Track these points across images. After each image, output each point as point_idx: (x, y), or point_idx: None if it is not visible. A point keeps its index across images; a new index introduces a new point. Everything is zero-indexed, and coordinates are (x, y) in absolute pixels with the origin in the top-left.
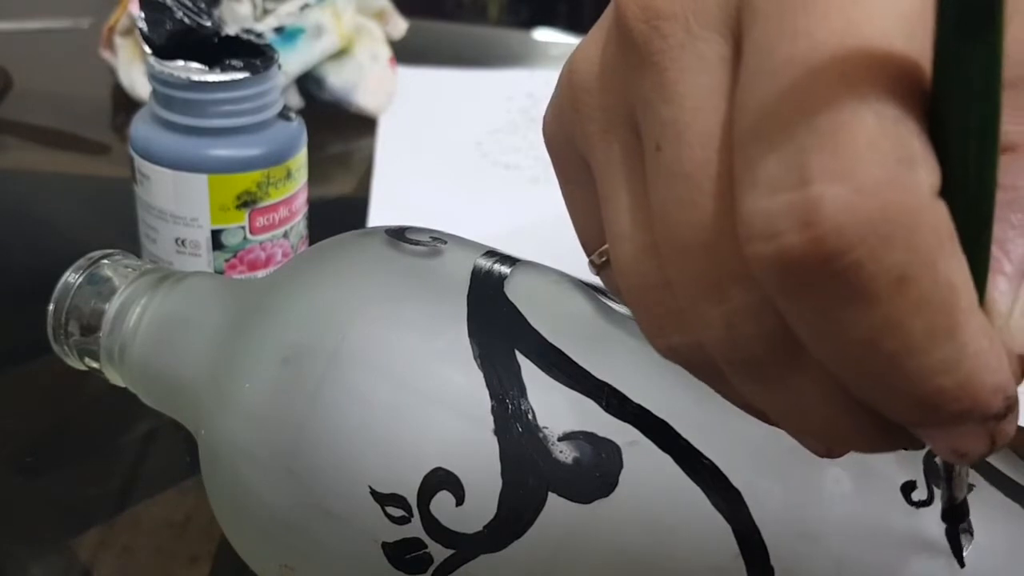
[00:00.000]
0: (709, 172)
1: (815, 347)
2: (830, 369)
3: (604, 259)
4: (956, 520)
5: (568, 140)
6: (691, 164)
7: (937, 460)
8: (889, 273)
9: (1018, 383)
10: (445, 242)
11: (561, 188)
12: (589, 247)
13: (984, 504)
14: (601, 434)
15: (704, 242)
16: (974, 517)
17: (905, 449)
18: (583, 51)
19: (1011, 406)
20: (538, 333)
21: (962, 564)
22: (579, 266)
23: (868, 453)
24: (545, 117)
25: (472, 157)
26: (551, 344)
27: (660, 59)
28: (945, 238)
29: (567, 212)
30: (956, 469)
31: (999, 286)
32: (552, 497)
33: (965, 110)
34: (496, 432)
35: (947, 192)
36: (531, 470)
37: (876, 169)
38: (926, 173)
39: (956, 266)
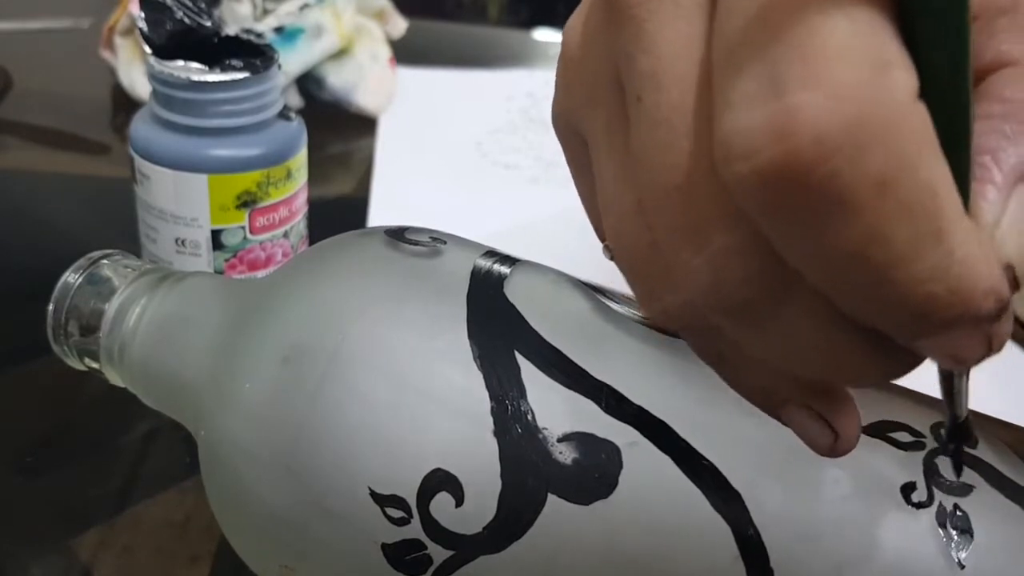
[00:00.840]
0: (686, 113)
1: (803, 267)
2: (821, 289)
3: None
4: (960, 440)
5: (568, 121)
6: (668, 108)
7: (937, 375)
8: (868, 179)
9: (1010, 293)
10: (445, 242)
11: (571, 174)
12: (600, 232)
13: (984, 506)
14: (601, 435)
15: (682, 184)
16: (974, 519)
17: (904, 373)
18: (569, 26)
19: (1004, 308)
20: (538, 334)
21: (959, 474)
22: (579, 266)
23: (869, 384)
24: (552, 105)
25: (472, 157)
26: (551, 345)
27: (638, 11)
28: (924, 142)
29: (567, 211)
30: (956, 385)
31: (988, 195)
32: (552, 498)
33: (935, 10)
34: (496, 433)
35: (924, 98)
36: (531, 471)
37: (850, 73)
38: (903, 75)
39: (939, 171)
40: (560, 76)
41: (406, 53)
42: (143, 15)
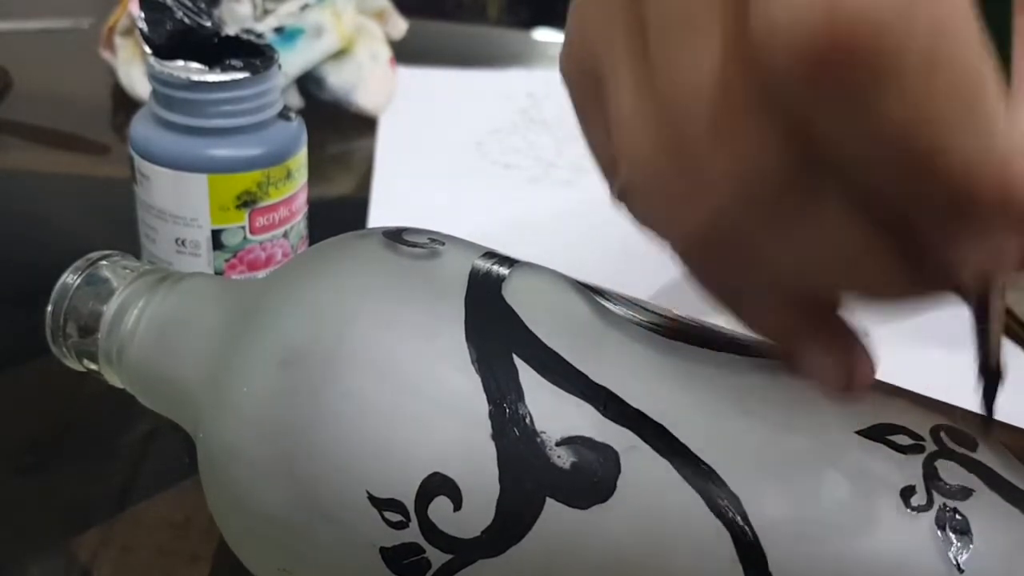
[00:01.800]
0: (711, 8)
1: (844, 151)
2: (860, 177)
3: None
4: (993, 380)
5: (580, 66)
6: (689, 6)
7: (971, 316)
8: (917, 55)
9: None
10: (443, 243)
11: (579, 123)
12: (609, 173)
13: (984, 509)
14: (599, 439)
15: (709, 82)
16: (974, 522)
17: (929, 291)
18: None
19: None
20: (536, 336)
21: (990, 413)
22: (578, 266)
23: (894, 299)
24: (560, 57)
25: (472, 157)
26: (549, 347)
27: None
28: (971, 24)
29: (567, 211)
30: (990, 326)
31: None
32: (550, 502)
33: None
34: (494, 437)
35: None
36: (529, 475)
37: None
38: None
39: (983, 54)
40: (575, 22)
41: (406, 53)
42: (143, 15)
